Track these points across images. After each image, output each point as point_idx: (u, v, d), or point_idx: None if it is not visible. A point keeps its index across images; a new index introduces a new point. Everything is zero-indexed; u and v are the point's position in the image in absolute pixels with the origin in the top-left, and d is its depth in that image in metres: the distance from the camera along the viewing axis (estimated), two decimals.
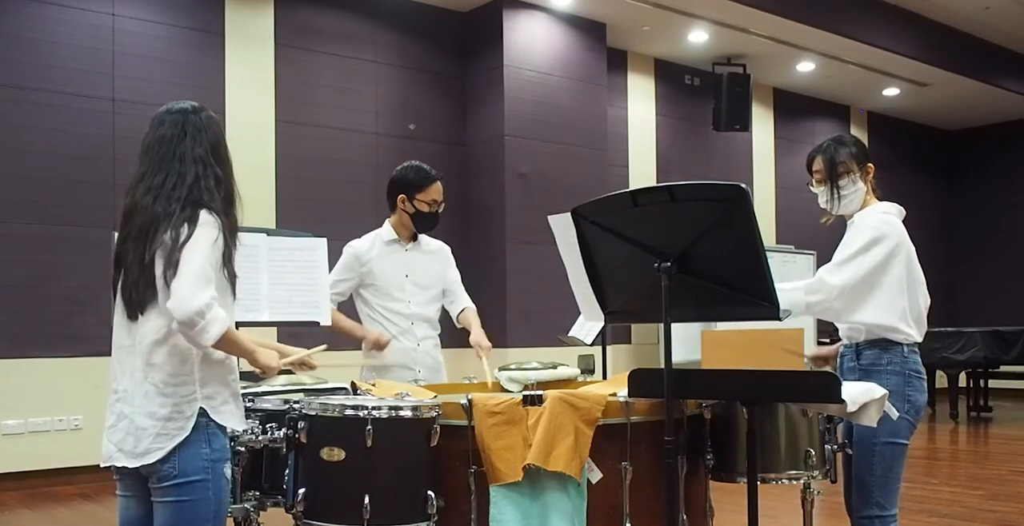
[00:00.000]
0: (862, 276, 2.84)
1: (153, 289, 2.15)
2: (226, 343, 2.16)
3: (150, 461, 2.12)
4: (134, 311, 2.18)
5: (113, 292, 2.26)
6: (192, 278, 2.09)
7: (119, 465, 2.17)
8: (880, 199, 3.07)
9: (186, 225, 2.14)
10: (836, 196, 3.00)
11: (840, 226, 3.13)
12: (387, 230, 3.79)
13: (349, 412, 2.42)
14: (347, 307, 3.86)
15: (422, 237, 3.85)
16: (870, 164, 3.04)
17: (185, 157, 2.24)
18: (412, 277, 3.77)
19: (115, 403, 2.20)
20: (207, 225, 2.17)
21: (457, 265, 3.96)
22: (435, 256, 3.88)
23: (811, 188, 3.10)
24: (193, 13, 7.06)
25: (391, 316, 3.72)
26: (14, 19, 6.33)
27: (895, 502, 2.87)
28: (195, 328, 2.07)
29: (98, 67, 6.62)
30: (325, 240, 3.46)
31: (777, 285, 2.77)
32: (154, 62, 6.85)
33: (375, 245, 3.76)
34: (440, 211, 3.75)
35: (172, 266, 2.10)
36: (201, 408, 2.17)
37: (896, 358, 2.87)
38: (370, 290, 3.74)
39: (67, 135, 6.47)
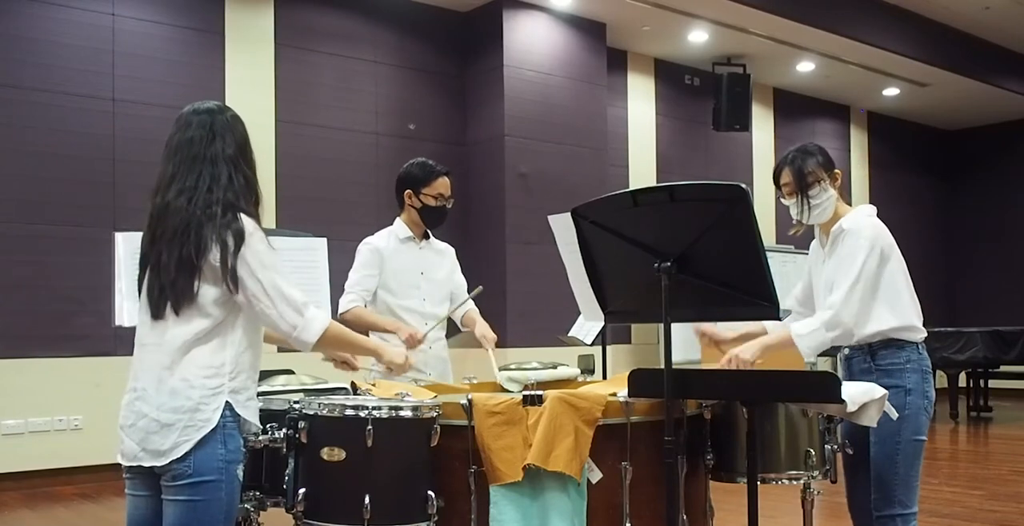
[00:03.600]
0: (869, 293, 2.83)
1: (192, 290, 2.17)
2: (334, 342, 2.35)
3: (178, 455, 2.12)
4: (162, 310, 2.19)
5: (138, 291, 2.27)
6: (278, 296, 2.22)
7: (147, 465, 2.16)
8: (848, 203, 3.06)
9: (230, 232, 2.18)
10: (808, 207, 2.96)
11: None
12: (401, 228, 3.77)
13: (349, 412, 2.42)
14: None
15: (432, 236, 3.85)
16: (837, 171, 3.03)
17: (217, 159, 2.26)
18: (427, 274, 3.76)
19: (134, 401, 2.19)
20: (256, 235, 2.22)
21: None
22: (445, 256, 3.89)
23: (782, 201, 3.08)
24: (193, 13, 7.06)
25: (405, 314, 3.67)
26: (14, 19, 6.33)
27: (916, 500, 2.88)
28: (295, 336, 2.25)
29: (98, 67, 6.62)
30: (325, 240, 3.46)
31: (796, 331, 2.78)
32: (154, 62, 6.85)
33: (391, 242, 3.73)
34: (448, 206, 3.74)
35: (235, 275, 2.17)
36: (227, 402, 2.18)
37: (913, 356, 2.88)
38: (385, 288, 3.69)
39: (67, 135, 6.47)
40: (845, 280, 2.82)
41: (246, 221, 2.22)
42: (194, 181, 2.23)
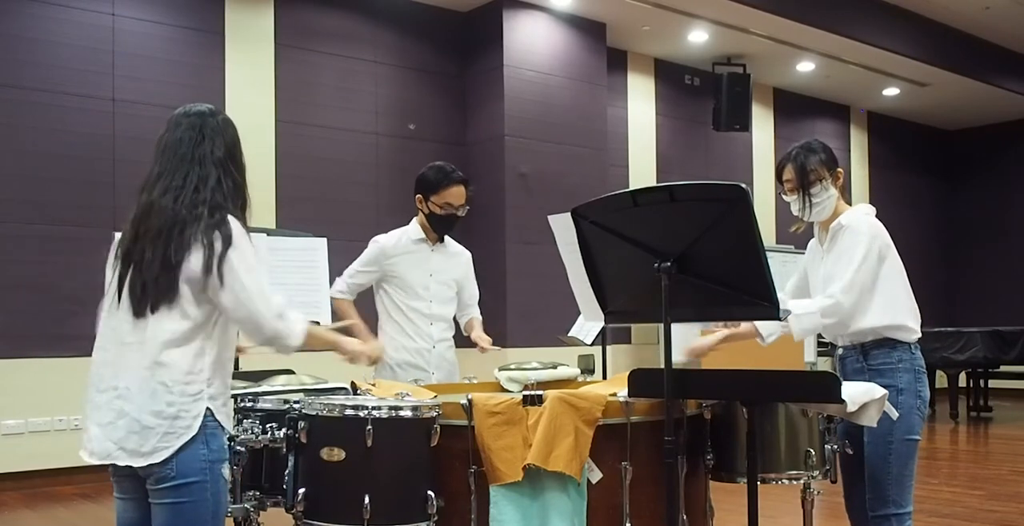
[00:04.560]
0: (868, 287, 2.83)
1: (175, 289, 2.16)
2: (309, 341, 2.32)
3: (157, 460, 2.11)
4: (143, 308, 2.17)
5: (119, 288, 2.23)
6: (263, 301, 2.21)
7: (121, 464, 2.15)
8: (849, 202, 3.06)
9: (218, 233, 2.17)
10: (808, 204, 2.99)
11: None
12: (415, 229, 3.80)
13: (349, 412, 2.42)
14: (367, 302, 3.87)
15: (449, 239, 3.86)
16: (839, 169, 3.03)
17: (205, 160, 2.25)
18: (436, 276, 3.78)
19: (115, 400, 2.16)
20: (243, 238, 2.21)
21: None
22: (458, 259, 3.90)
23: (784, 197, 3.09)
24: (193, 13, 7.06)
25: (412, 314, 3.71)
26: (14, 19, 6.33)
27: (910, 500, 2.88)
28: (280, 341, 2.24)
29: (98, 67, 6.62)
30: (325, 240, 3.46)
31: (794, 310, 2.77)
32: (154, 62, 6.85)
33: (402, 242, 3.76)
34: (459, 214, 3.74)
35: (220, 278, 2.16)
36: (207, 408, 2.17)
37: (906, 356, 2.88)
38: (393, 286, 3.73)
39: (67, 135, 6.46)
40: (846, 272, 2.82)
41: (233, 223, 2.21)
42: (181, 181, 2.22)
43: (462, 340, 3.94)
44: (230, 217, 2.21)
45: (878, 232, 2.89)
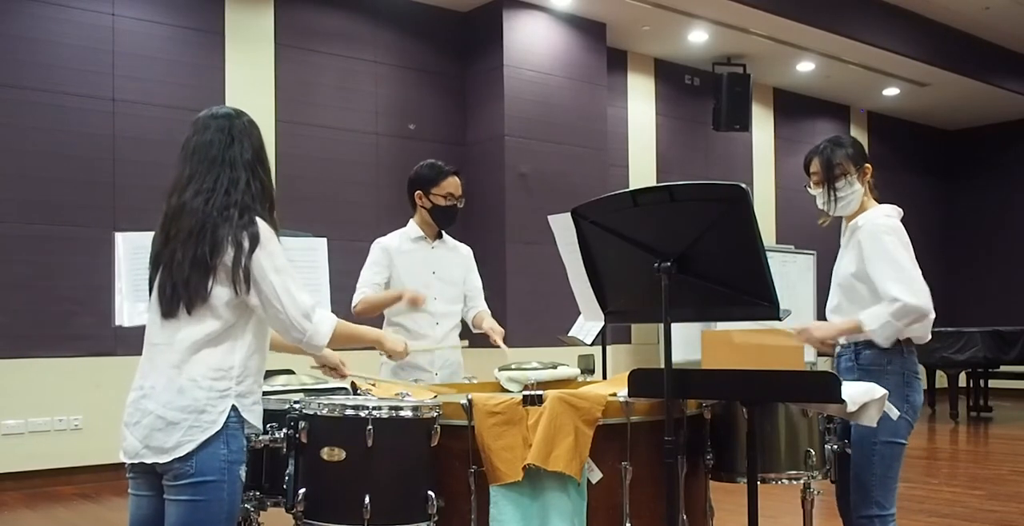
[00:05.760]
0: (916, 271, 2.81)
1: (205, 290, 2.17)
2: (341, 340, 2.36)
3: (181, 454, 2.12)
4: (174, 309, 2.19)
5: (150, 291, 2.27)
6: (290, 300, 2.23)
7: (148, 462, 2.16)
8: (877, 199, 3.06)
9: (246, 234, 2.19)
10: (833, 198, 2.99)
11: (836, 225, 3.13)
12: (413, 228, 3.83)
13: (349, 412, 2.42)
14: None
15: (447, 236, 3.89)
16: (868, 165, 3.03)
17: (236, 162, 2.27)
18: (439, 274, 3.80)
19: (140, 400, 2.19)
20: (271, 238, 2.24)
21: None
22: (460, 255, 3.92)
23: (809, 190, 3.09)
24: (193, 13, 7.06)
25: (415, 315, 3.70)
26: (14, 19, 6.33)
27: (893, 501, 2.88)
28: (307, 340, 2.28)
29: (98, 67, 6.62)
30: (325, 240, 3.46)
31: (867, 326, 2.74)
32: (154, 62, 6.85)
33: (402, 242, 3.79)
34: (459, 205, 3.80)
35: (249, 277, 2.18)
36: (233, 405, 2.19)
37: (897, 359, 2.87)
38: (396, 286, 3.74)
39: (67, 135, 6.47)
40: (889, 271, 2.80)
41: (262, 225, 2.23)
42: (212, 183, 2.23)
43: (474, 340, 3.92)
44: (259, 219, 2.24)
45: (900, 231, 2.88)
